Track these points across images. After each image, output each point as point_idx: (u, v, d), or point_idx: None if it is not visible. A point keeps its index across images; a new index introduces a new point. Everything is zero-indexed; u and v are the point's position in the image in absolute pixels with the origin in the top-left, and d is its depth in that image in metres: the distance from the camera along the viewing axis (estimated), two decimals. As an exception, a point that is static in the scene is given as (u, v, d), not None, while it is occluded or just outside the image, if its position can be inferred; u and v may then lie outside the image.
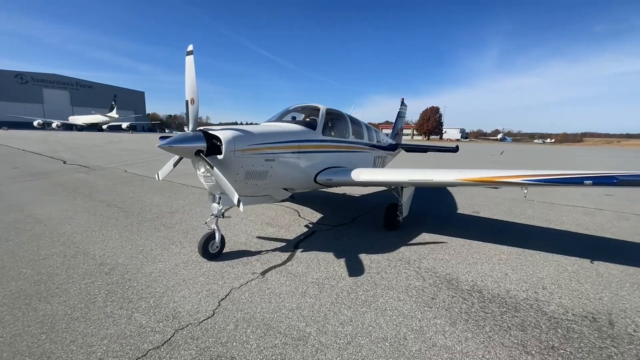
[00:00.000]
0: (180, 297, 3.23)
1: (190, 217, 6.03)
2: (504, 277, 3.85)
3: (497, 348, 2.59)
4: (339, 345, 2.58)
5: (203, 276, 3.68)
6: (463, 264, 4.22)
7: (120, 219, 5.77)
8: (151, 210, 6.38)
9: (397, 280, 3.70)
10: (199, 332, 2.69)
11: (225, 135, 3.76)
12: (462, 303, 3.25)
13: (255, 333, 2.70)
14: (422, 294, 3.42)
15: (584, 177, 3.44)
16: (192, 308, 3.04)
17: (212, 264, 3.99)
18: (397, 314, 3.02)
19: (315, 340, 2.62)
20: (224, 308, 3.05)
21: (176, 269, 3.85)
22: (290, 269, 3.92)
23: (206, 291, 3.35)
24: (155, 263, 3.99)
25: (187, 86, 3.57)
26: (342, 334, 2.71)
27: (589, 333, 2.82)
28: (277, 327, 2.79)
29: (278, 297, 3.28)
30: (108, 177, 10.34)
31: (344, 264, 4.10)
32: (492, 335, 2.75)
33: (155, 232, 5.15)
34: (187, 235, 5.04)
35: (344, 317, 2.96)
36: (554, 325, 2.93)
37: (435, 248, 4.75)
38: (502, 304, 3.25)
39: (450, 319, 2.98)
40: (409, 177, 4.47)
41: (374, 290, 3.47)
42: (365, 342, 2.62)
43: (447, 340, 2.66)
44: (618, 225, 6.25)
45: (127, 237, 4.89)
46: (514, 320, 2.98)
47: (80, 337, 2.60)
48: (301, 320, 2.90)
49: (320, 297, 3.29)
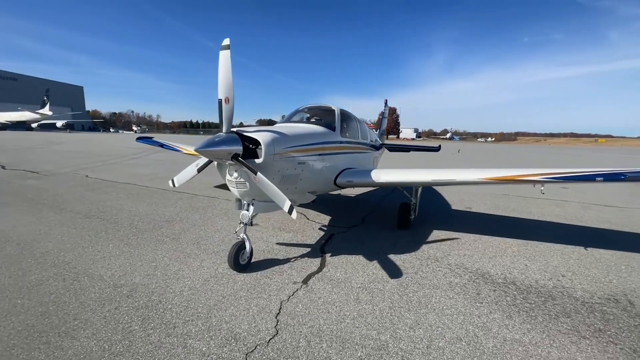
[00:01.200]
0: (229, 315, 2.94)
1: (193, 225, 5.53)
2: (526, 268, 4.15)
3: (558, 336, 2.78)
4: (421, 350, 2.55)
5: (242, 290, 3.40)
6: (485, 258, 4.46)
7: (110, 232, 5.08)
8: (143, 220, 5.72)
9: (437, 279, 3.79)
10: (273, 353, 2.47)
11: (264, 137, 3.50)
12: (506, 296, 3.44)
13: (332, 347, 2.55)
14: (466, 290, 3.55)
15: (596, 174, 3.86)
16: (250, 327, 2.78)
17: (245, 276, 3.70)
18: (456, 313, 3.09)
19: (396, 348, 2.57)
20: (285, 323, 2.84)
21: (208, 284, 3.50)
22: (330, 276, 3.80)
23: (255, 306, 3.09)
24: (180, 280, 3.58)
25: (220, 84, 3.24)
26: (417, 339, 2.69)
27: (619, 314, 3.16)
28: (350, 338, 2.67)
29: (333, 305, 3.15)
30: (69, 183, 9.05)
31: (380, 266, 4.08)
32: (547, 325, 2.94)
33: (160, 244, 4.63)
34: (200, 246, 4.61)
35: (409, 320, 2.95)
36: (589, 309, 3.23)
37: (453, 244, 4.97)
38: (538, 294, 3.50)
39: (504, 312, 3.13)
40: (433, 178, 4.60)
41: (421, 290, 3.51)
42: (444, 344, 2.63)
43: (514, 334, 2.79)
44: (586, 215, 7.13)
45: (131, 252, 4.32)
46: (557, 308, 3.22)
47: (135, 375, 2.23)
48: (370, 328, 2.82)
49: (375, 302, 3.23)
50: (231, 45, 3.25)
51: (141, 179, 10.08)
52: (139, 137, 9.30)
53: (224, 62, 3.21)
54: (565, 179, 3.98)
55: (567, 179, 3.97)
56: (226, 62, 3.21)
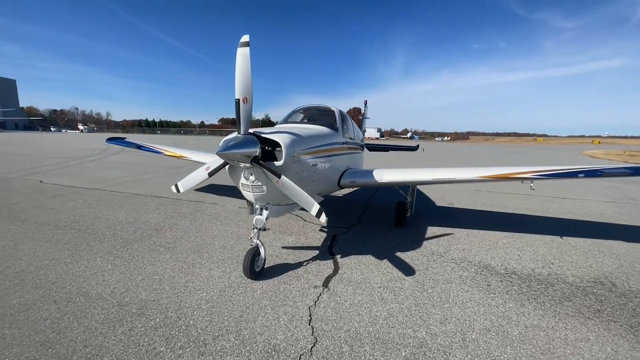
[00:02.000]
0: (260, 327, 2.80)
1: (185, 232, 5.17)
2: (520, 259, 4.51)
3: (567, 318, 3.07)
4: (458, 343, 2.66)
5: (265, 299, 3.26)
6: (482, 251, 4.77)
7: (93, 244, 4.56)
8: (127, 230, 5.22)
9: (448, 274, 3.97)
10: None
11: (284, 139, 3.38)
12: (512, 285, 3.71)
13: (375, 350, 2.55)
14: (477, 282, 3.76)
15: (578, 171, 4.32)
16: (287, 337, 2.68)
17: (262, 284, 3.56)
18: (476, 305, 3.26)
19: (435, 344, 2.64)
20: (321, 330, 2.78)
21: (225, 295, 3.30)
22: (348, 277, 3.79)
23: (284, 314, 2.98)
24: (193, 293, 3.33)
25: (238, 83, 3.05)
26: (451, 333, 2.79)
27: (608, 294, 3.57)
28: (389, 339, 2.69)
29: (361, 307, 3.15)
30: (21, 190, 7.95)
31: (391, 265, 4.16)
32: (555, 309, 3.22)
33: (156, 255, 4.26)
34: (201, 254, 4.33)
35: (437, 315, 3.05)
36: (583, 292, 3.60)
37: (450, 240, 5.23)
38: (538, 282, 3.83)
39: (516, 301, 3.37)
40: (434, 177, 4.80)
41: (438, 286, 3.65)
42: (476, 336, 2.76)
43: (532, 320, 3.02)
44: (551, 207, 7.93)
45: (125, 265, 3.92)
46: (558, 294, 3.55)
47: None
48: (404, 326, 2.86)
49: (400, 301, 3.29)
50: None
51: (108, 184, 9.19)
52: (109, 138, 8.46)
53: (242, 60, 3.04)
54: (552, 175, 4.39)
55: (553, 175, 4.39)
56: (245, 60, 3.04)
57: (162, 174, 11.52)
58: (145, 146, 7.50)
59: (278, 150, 3.41)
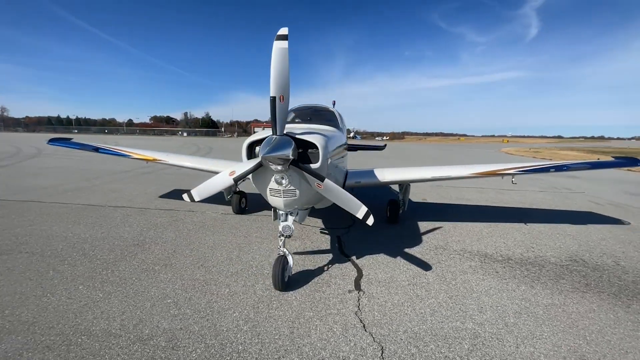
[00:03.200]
0: (319, 340, 2.62)
1: (175, 246, 4.57)
2: (506, 245, 5.06)
3: (572, 294, 3.54)
4: (504, 329, 2.86)
5: (306, 310, 3.06)
6: (474, 241, 5.21)
7: (61, 269, 3.73)
8: (99, 248, 4.40)
9: (459, 265, 4.25)
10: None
11: (320, 140, 3.21)
12: (514, 270, 4.14)
13: (441, 347, 2.60)
14: (486, 270, 4.10)
15: (550, 166, 5.03)
16: (352, 347, 2.55)
17: (295, 294, 3.33)
18: (497, 291, 3.56)
19: (486, 333, 2.80)
20: (380, 335, 2.72)
21: (261, 311, 3.01)
22: (374, 278, 3.79)
23: (335, 324, 2.85)
24: (224, 313, 2.96)
25: (274, 79, 2.78)
26: (493, 320, 2.99)
27: (585, 270, 4.23)
28: (446, 334, 2.77)
29: (404, 306, 3.18)
30: None
31: (406, 261, 4.28)
32: (558, 287, 3.69)
33: (153, 274, 3.68)
34: (208, 269, 3.88)
35: (473, 305, 3.24)
36: (567, 270, 4.20)
37: (442, 233, 5.60)
38: (532, 264, 4.34)
39: (525, 284, 3.77)
40: (432, 175, 5.09)
41: (457, 277, 3.88)
42: (514, 320, 3.00)
43: (546, 300, 3.41)
44: (503, 198, 9.08)
45: (121, 291, 3.30)
46: (551, 273, 4.08)
47: None
48: (452, 320, 2.97)
49: (434, 296, 3.41)
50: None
51: (43, 194, 7.60)
52: (52, 139, 6.96)
53: (279, 54, 2.77)
54: (529, 171, 5.05)
55: (530, 171, 5.04)
56: (283, 55, 2.79)
57: (109, 180, 9.98)
58: (107, 149, 6.37)
59: (311, 151, 3.23)
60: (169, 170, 12.64)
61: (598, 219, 6.92)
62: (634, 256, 4.76)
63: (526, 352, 2.57)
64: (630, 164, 5.02)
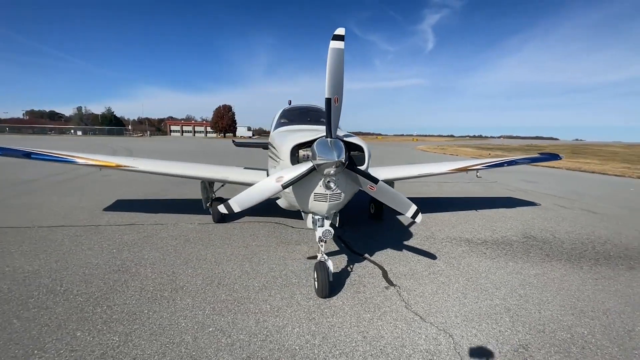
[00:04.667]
0: (395, 339, 2.67)
1: (170, 266, 3.93)
2: (476, 230, 5.92)
3: (543, 264, 4.39)
4: (523, 299, 3.39)
5: (362, 312, 3.06)
6: (451, 229, 5.94)
7: (34, 316, 2.83)
8: (68, 281, 3.47)
9: (454, 251, 4.80)
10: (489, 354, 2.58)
11: (363, 142, 3.19)
12: (495, 250, 4.90)
13: (491, 324, 2.95)
14: (477, 253, 4.75)
15: (503, 162, 6.08)
16: (425, 339, 2.69)
17: (339, 299, 3.29)
18: (496, 269, 4.17)
19: (514, 306, 3.28)
20: (440, 323, 2.93)
21: (319, 321, 2.88)
22: (398, 272, 3.99)
23: (397, 321, 2.93)
24: (282, 330, 2.73)
25: (330, 81, 2.68)
26: (510, 294, 3.52)
27: (540, 244, 5.28)
28: (487, 312, 3.14)
29: (439, 294, 3.47)
30: None
31: (412, 254, 4.63)
32: (532, 260, 4.53)
33: (168, 303, 3.12)
34: (230, 287, 3.48)
35: (488, 284, 3.73)
36: (529, 245, 5.18)
37: (422, 225, 6.18)
38: (503, 244, 5.20)
39: (510, 260, 4.51)
40: (419, 172, 5.59)
41: (460, 262, 4.38)
42: (524, 292, 3.59)
43: (530, 270, 4.16)
44: (446, 189, 10.48)
45: (140, 331, 2.71)
46: (521, 250, 4.97)
47: None
48: (482, 299, 3.38)
49: (456, 281, 3.79)
50: None
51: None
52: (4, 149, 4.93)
53: (336, 55, 2.68)
54: (490, 166, 6.03)
55: (492, 166, 6.03)
56: (338, 56, 2.70)
57: (16, 192, 7.74)
58: (43, 154, 4.86)
59: (355, 154, 3.22)
60: (93, 176, 10.58)
61: (519, 203, 8.65)
62: (560, 229, 6.17)
63: (547, 315, 3.13)
64: (553, 158, 6.54)
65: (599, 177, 15.15)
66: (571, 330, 2.91)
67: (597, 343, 2.73)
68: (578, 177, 14.93)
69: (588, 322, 3.05)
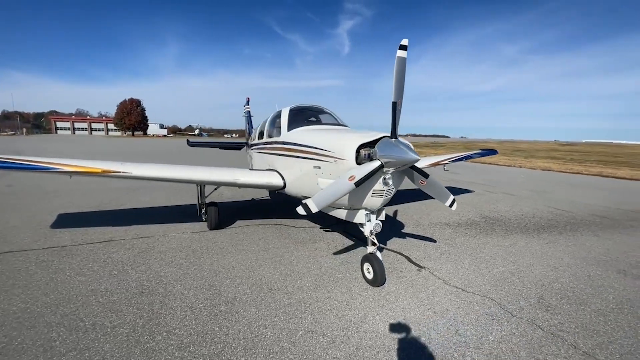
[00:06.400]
0: (458, 313, 3.11)
1: (199, 280, 3.59)
2: (449, 215, 6.94)
3: (509, 236, 5.51)
4: (522, 267, 4.25)
5: (419, 293, 3.42)
6: (429, 215, 6.82)
7: (126, 347, 2.29)
8: (87, 312, 2.85)
9: (444, 234, 5.59)
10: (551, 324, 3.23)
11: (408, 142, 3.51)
12: (472, 230, 5.89)
13: (518, 285, 3.67)
14: (461, 233, 5.64)
15: (461, 157, 7.26)
16: (480, 307, 3.21)
17: (392, 286, 3.58)
18: (487, 245, 5.06)
19: (518, 271, 4.12)
20: (480, 292, 3.50)
21: (395, 308, 3.13)
22: (418, 256, 4.50)
23: (447, 295, 3.39)
24: (366, 319, 2.89)
25: (395, 85, 2.98)
26: (510, 263, 4.35)
27: (496, 222, 6.55)
28: (508, 278, 3.88)
29: (462, 269, 4.08)
30: None
31: (417, 239, 5.23)
32: (498, 233, 5.64)
33: (237, 317, 2.92)
34: (285, 292, 3.41)
35: (488, 257, 4.54)
36: (491, 224, 6.39)
37: (405, 213, 6.93)
38: (471, 225, 6.29)
39: (489, 236, 5.51)
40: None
41: (456, 241, 5.17)
42: (515, 258, 4.49)
43: (506, 242, 5.21)
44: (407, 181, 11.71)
45: (233, 346, 2.49)
46: (487, 227, 6.09)
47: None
48: (496, 266, 4.14)
49: (466, 257, 4.49)
50: None
51: None
52: None
53: (400, 63, 2.99)
54: (454, 161, 7.12)
55: (454, 160, 7.13)
56: (403, 64, 3.01)
57: None
58: (15, 162, 3.53)
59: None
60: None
61: (460, 190, 10.32)
62: (500, 209, 7.72)
63: (538, 273, 4.05)
64: (493, 152, 8.13)
65: (494, 168, 19.02)
66: (559, 280, 3.87)
67: (580, 287, 3.71)
68: (480, 168, 18.42)
69: (563, 273, 4.08)
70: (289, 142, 4.48)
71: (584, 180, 14.63)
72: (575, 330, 2.87)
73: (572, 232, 5.96)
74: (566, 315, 3.10)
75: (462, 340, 2.69)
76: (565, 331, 2.85)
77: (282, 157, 4.67)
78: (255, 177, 4.83)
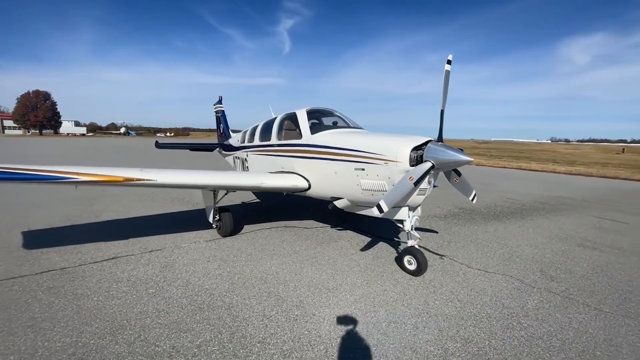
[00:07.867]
0: (494, 291, 3.63)
1: (261, 291, 3.47)
2: (434, 209, 7.72)
3: (495, 222, 6.46)
4: (524, 245, 5.08)
5: (457, 277, 3.86)
6: (415, 210, 7.50)
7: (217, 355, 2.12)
8: (182, 333, 2.58)
9: (440, 225, 6.25)
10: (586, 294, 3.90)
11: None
12: (459, 220, 6.71)
13: (536, 260, 4.39)
14: (454, 222, 6.38)
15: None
16: (507, 284, 3.79)
17: (434, 276, 3.96)
18: (480, 232, 5.84)
19: (527, 248, 4.91)
20: (502, 272, 4.11)
21: (444, 292, 3.51)
22: (433, 246, 5.00)
23: (476, 278, 3.92)
24: (430, 304, 3.23)
25: (444, 96, 3.40)
26: (511, 245, 5.14)
27: (472, 213, 7.53)
28: (526, 255, 4.60)
29: (476, 254, 4.70)
30: None
31: (425, 232, 5.76)
32: (486, 221, 6.56)
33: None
34: (348, 291, 3.52)
35: (492, 243, 5.27)
36: (468, 214, 7.32)
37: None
38: (457, 215, 7.14)
39: (475, 224, 6.36)
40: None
41: (453, 230, 5.85)
42: (513, 242, 5.32)
43: (492, 227, 6.09)
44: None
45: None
46: (478, 217, 6.99)
47: None
48: (510, 246, 4.85)
49: (471, 244, 5.15)
50: None
51: None
52: None
53: (447, 76, 3.39)
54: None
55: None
56: (448, 76, 3.40)
57: None
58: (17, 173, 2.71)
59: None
60: None
61: (425, 186, 11.46)
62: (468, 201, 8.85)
63: (538, 253, 4.87)
64: (459, 152, 9.31)
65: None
66: (545, 256, 4.75)
67: (562, 259, 4.61)
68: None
69: (544, 250, 5.01)
70: (316, 144, 4.56)
71: (511, 173, 17.44)
72: (579, 293, 3.63)
73: (530, 217, 7.24)
74: (567, 283, 3.88)
75: (510, 311, 3.19)
76: (574, 294, 3.58)
77: (306, 160, 4.72)
78: (281, 181, 4.77)
